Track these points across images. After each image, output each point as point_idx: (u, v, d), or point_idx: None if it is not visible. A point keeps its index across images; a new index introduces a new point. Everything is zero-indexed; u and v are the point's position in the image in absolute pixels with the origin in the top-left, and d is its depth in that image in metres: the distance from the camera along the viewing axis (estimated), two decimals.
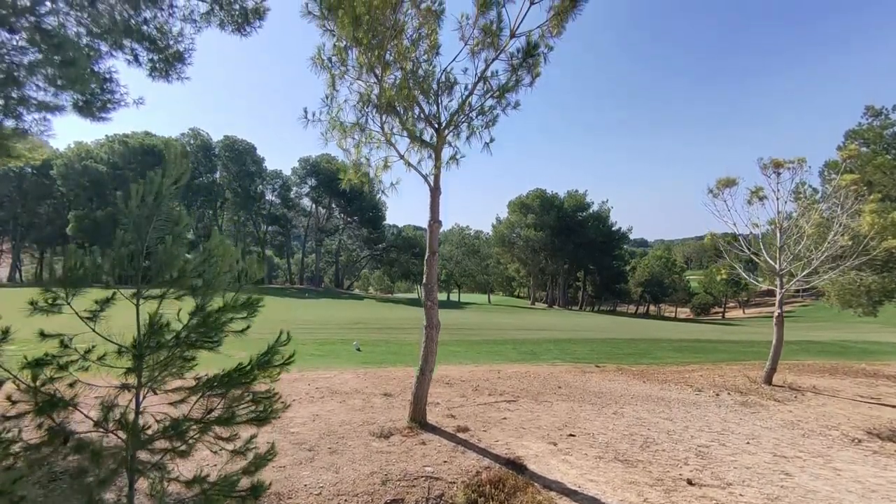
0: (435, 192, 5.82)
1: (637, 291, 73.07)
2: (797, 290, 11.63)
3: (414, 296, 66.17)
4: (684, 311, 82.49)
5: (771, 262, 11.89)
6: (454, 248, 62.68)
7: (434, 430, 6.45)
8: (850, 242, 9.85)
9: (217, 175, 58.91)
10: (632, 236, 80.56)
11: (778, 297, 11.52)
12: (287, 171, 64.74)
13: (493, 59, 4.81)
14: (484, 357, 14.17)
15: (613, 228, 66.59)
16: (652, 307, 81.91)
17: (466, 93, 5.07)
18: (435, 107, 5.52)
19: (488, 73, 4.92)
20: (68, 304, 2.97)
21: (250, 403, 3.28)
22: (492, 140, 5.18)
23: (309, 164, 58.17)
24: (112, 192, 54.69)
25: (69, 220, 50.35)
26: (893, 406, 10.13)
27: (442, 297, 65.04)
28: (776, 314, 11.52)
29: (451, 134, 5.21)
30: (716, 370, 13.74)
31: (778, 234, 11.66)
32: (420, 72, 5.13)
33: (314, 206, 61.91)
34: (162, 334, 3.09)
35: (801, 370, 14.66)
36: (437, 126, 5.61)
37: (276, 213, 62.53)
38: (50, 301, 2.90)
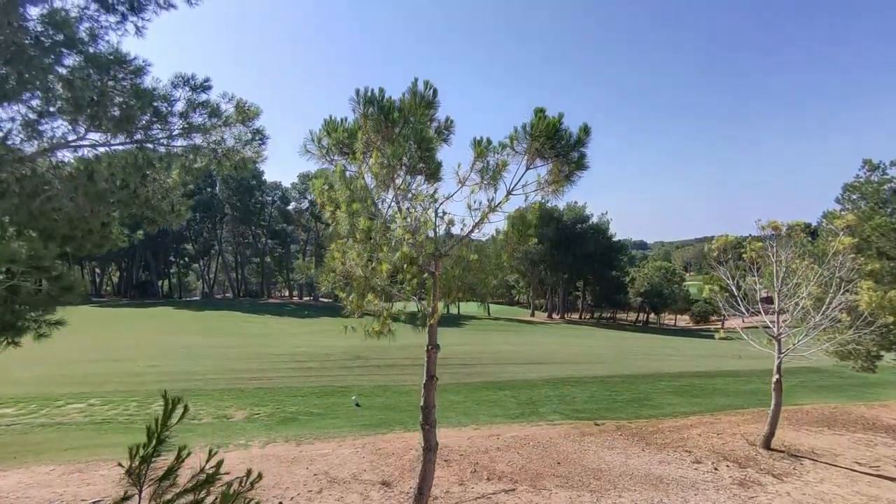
0: (433, 351, 5.86)
1: (636, 301, 73.14)
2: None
3: (412, 307, 66.01)
4: (684, 319, 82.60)
5: (769, 323, 11.91)
6: (453, 261, 62.71)
7: None
8: (848, 318, 9.88)
9: (217, 189, 58.93)
10: (632, 240, 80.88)
11: (776, 363, 11.53)
12: (285, 181, 64.88)
13: (489, 213, 4.83)
14: (483, 410, 14.17)
15: (613, 240, 66.65)
16: (652, 315, 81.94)
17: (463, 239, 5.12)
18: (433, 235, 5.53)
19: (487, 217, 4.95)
20: None
21: None
22: (489, 293, 5.21)
23: (308, 180, 58.18)
24: None
25: None
26: (891, 479, 10.15)
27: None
28: (774, 379, 11.53)
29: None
30: (715, 425, 13.75)
31: (776, 298, 11.67)
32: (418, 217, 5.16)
33: (314, 221, 61.96)
34: None
35: (799, 421, 14.68)
36: (433, 270, 5.64)
37: (276, 228, 62.58)
38: None
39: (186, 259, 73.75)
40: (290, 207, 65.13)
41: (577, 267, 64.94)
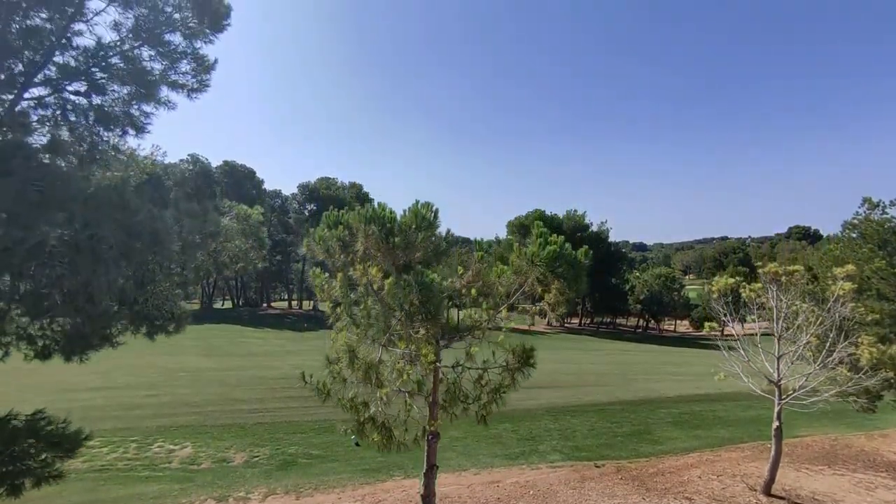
0: (433, 440, 5.86)
1: (636, 308, 73.21)
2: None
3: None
4: (684, 325, 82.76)
5: (769, 367, 11.92)
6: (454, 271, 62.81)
7: None
8: (848, 372, 9.89)
9: (217, 200, 58.94)
10: (630, 242, 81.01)
11: (776, 410, 11.54)
12: (286, 190, 64.88)
13: (487, 320, 4.85)
14: (483, 449, 14.15)
15: (612, 249, 66.70)
16: (651, 322, 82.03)
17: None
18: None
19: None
20: None
21: None
22: (488, 414, 5.21)
23: (308, 190, 58.21)
24: None
25: None
26: None
27: None
28: (775, 427, 11.53)
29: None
30: (715, 463, 13.75)
31: (777, 344, 11.67)
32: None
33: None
34: None
35: (799, 457, 14.69)
36: (436, 356, 5.66)
37: (276, 238, 62.50)
38: None
39: None
40: (289, 217, 65.08)
41: None
